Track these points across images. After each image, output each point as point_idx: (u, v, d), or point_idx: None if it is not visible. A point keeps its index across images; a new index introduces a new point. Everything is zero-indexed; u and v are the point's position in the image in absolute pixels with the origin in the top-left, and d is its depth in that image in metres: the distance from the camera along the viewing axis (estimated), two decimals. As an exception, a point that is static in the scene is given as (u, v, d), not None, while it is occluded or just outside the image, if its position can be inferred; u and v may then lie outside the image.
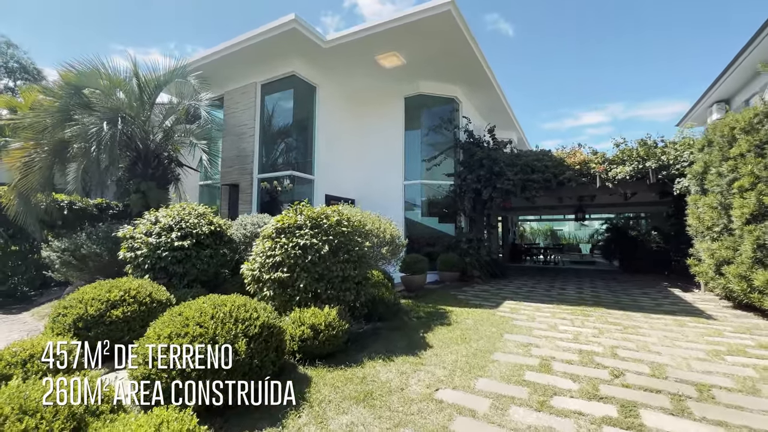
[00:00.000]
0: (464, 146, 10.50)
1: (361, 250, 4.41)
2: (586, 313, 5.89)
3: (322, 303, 4.13)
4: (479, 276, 9.40)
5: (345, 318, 3.98)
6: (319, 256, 4.11)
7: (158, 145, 8.70)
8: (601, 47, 78.47)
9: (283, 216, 4.40)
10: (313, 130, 9.72)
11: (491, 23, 75.07)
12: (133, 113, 7.81)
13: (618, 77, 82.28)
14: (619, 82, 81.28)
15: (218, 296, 3.29)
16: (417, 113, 10.77)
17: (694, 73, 65.44)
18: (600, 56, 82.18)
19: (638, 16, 53.53)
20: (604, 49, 76.26)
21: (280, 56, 8.76)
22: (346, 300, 4.27)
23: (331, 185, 10.06)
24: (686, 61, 68.51)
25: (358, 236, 4.64)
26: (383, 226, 5.53)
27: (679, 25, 53.62)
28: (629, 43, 69.32)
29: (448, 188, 10.50)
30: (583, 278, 10.95)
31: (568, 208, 14.85)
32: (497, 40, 74.06)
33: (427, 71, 9.74)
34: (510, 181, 9.48)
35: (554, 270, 13.57)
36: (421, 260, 7.84)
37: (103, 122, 6.87)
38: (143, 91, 8.44)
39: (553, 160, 9.70)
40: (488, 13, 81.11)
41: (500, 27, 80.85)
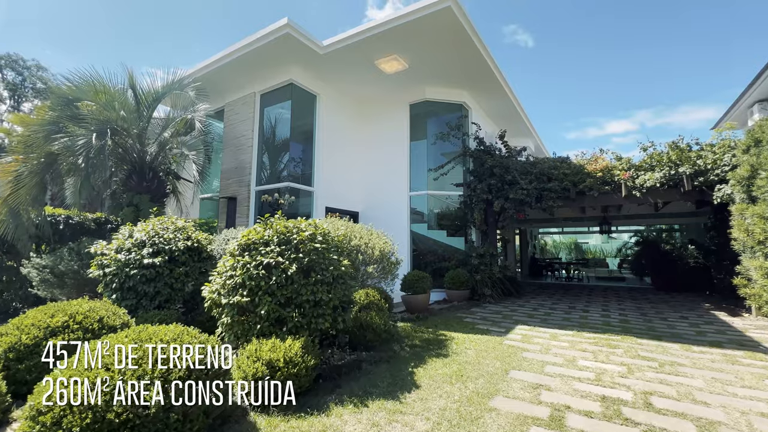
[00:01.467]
0: (474, 154, 9.83)
1: (336, 269, 3.80)
2: (612, 344, 5.00)
3: (290, 332, 3.54)
4: (491, 295, 8.56)
5: (313, 351, 3.36)
6: (285, 277, 3.54)
7: (154, 157, 8.51)
8: (627, 53, 76.19)
9: (250, 230, 3.88)
10: (313, 140, 9.33)
11: (509, 35, 74.28)
12: (127, 125, 7.64)
13: (645, 83, 79.06)
14: (647, 88, 77.99)
15: (154, 328, 2.77)
16: (423, 121, 10.23)
17: (725, 78, 61.97)
18: (626, 62, 79.69)
19: (667, 18, 51.70)
20: (629, 55, 73.92)
21: (277, 64, 8.47)
22: (319, 328, 3.66)
23: (332, 197, 9.57)
24: (717, 65, 65.27)
25: (336, 253, 4.05)
26: (373, 242, 4.91)
27: (709, 29, 51.27)
28: (656, 47, 66.94)
29: (457, 199, 9.81)
30: (609, 297, 9.87)
31: (592, 220, 13.77)
32: (516, 51, 73.08)
33: (432, 76, 9.22)
34: (524, 191, 8.70)
35: (578, 287, 12.45)
36: (424, 278, 7.14)
37: (92, 135, 6.69)
38: (140, 104, 8.32)
39: (571, 168, 8.86)
40: (506, 25, 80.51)
41: (519, 38, 79.99)
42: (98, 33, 34.92)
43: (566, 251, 25.20)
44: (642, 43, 64.49)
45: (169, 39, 41.17)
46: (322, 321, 3.67)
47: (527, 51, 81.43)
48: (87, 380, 2.12)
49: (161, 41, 41.35)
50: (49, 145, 6.58)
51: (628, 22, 53.58)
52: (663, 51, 67.59)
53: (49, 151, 6.66)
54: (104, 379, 2.13)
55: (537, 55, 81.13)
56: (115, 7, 35.70)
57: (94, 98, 7.45)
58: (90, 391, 2.07)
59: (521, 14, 70.47)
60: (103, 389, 2.09)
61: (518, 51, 77.60)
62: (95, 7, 31.89)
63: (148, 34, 42.77)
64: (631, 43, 67.93)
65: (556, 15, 52.47)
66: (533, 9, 52.55)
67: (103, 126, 6.91)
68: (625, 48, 70.65)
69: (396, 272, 5.65)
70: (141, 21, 40.37)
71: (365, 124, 10.83)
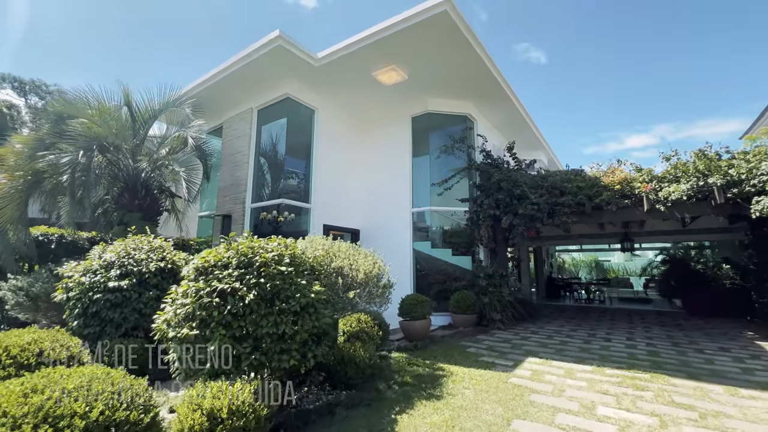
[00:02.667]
0: (480, 168, 9.27)
1: (304, 296, 3.28)
2: (639, 384, 4.23)
3: (249, 371, 3.01)
4: (500, 320, 7.80)
5: (272, 395, 2.81)
6: (243, 305, 3.04)
7: (148, 175, 8.33)
8: (644, 67, 74.92)
9: (210, 251, 3.42)
10: (310, 155, 9.00)
11: (521, 53, 73.94)
12: (119, 142, 7.49)
13: (664, 97, 76.63)
14: (667, 101, 75.65)
15: (64, 370, 2.30)
16: (426, 134, 9.79)
17: (746, 91, 59.54)
18: (643, 75, 78.14)
19: (685, 30, 50.65)
20: (647, 69, 72.52)
21: (273, 78, 8.27)
22: (283, 367, 3.11)
23: (330, 214, 9.14)
24: (738, 79, 63.05)
25: (309, 277, 3.54)
26: (358, 262, 4.38)
27: (728, 41, 49.72)
28: (675, 59, 65.53)
29: (462, 216, 9.21)
30: (635, 322, 8.91)
31: (612, 236, 12.84)
32: (529, 68, 72.42)
33: (433, 87, 8.83)
34: (534, 206, 8.04)
35: (599, 310, 11.45)
36: (422, 302, 6.51)
37: (79, 151, 6.52)
38: (136, 121, 8.21)
39: (586, 181, 8.18)
40: (517, 43, 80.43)
41: (531, 56, 79.70)
42: (113, 57, 36.50)
43: (586, 270, 23.87)
44: (660, 55, 63.21)
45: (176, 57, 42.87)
46: (287, 358, 3.13)
47: (540, 68, 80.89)
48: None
49: (169, 62, 43.08)
50: (35, 162, 6.43)
51: (645, 35, 52.79)
52: (682, 63, 66.08)
53: (35, 169, 6.51)
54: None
55: (550, 72, 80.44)
56: (128, 29, 37.56)
57: (87, 115, 7.35)
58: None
59: (533, 31, 70.38)
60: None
61: (530, 68, 77.08)
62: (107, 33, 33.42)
63: (164, 56, 44.72)
64: (649, 56, 66.75)
65: (568, 30, 52.18)
66: (545, 25, 52.39)
67: (92, 143, 6.75)
68: (643, 61, 69.42)
69: (388, 296, 5.07)
70: (156, 45, 42.30)
71: (365, 138, 10.49)
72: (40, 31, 26.91)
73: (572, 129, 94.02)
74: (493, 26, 39.52)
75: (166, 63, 40.03)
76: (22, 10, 18.76)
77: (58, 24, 27.42)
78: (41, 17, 25.09)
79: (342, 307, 4.08)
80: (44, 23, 26.52)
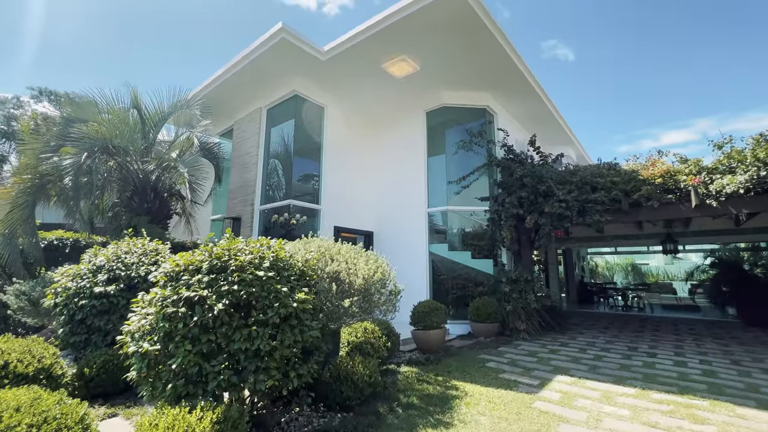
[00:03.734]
0: (501, 164, 8.58)
1: (285, 306, 2.82)
2: (697, 415, 3.48)
3: (216, 393, 2.59)
4: (525, 329, 7.07)
5: (239, 426, 2.36)
6: (213, 317, 2.62)
7: (158, 178, 8.24)
8: (681, 57, 70.31)
9: (182, 255, 3.04)
10: (320, 154, 8.65)
11: (548, 50, 70.86)
12: (125, 144, 7.41)
13: (706, 88, 70.98)
14: (708, 94, 69.87)
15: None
16: (441, 129, 9.21)
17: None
18: (681, 67, 73.31)
19: (726, 19, 47.17)
20: (685, 59, 67.91)
21: (280, 75, 7.99)
22: (258, 389, 2.66)
23: (341, 216, 8.73)
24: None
25: (293, 282, 3.08)
26: (358, 267, 3.90)
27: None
28: (715, 48, 61.10)
29: (483, 216, 8.54)
30: (682, 334, 7.89)
31: (651, 237, 11.69)
32: (556, 66, 69.10)
33: (448, 78, 8.27)
34: (562, 203, 7.27)
35: (638, 319, 10.37)
36: (436, 310, 5.91)
37: (82, 153, 6.45)
38: (146, 123, 8.16)
39: (621, 175, 7.33)
40: (545, 40, 77.52)
41: (559, 53, 76.38)
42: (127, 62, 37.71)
43: (622, 274, 22.24)
44: (698, 44, 58.92)
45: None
46: (264, 378, 2.68)
47: (568, 65, 77.33)
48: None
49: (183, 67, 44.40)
50: (40, 164, 6.41)
51: (678, 25, 49.55)
52: (723, 54, 61.54)
53: (40, 172, 6.49)
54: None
55: (578, 69, 76.86)
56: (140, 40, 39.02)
57: (95, 118, 7.33)
58: None
59: (559, 28, 67.80)
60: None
61: (558, 65, 73.72)
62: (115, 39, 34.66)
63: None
64: (686, 47, 62.54)
65: (598, 23, 49.69)
66: (573, 21, 50.06)
67: (96, 145, 6.67)
68: (679, 53, 65.11)
69: (394, 304, 4.54)
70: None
71: (378, 135, 10.04)
72: (54, 42, 28.42)
73: (603, 128, 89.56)
74: (517, 23, 38.22)
75: (173, 65, 40.99)
76: (37, 24, 19.80)
77: (70, 34, 28.92)
78: (54, 30, 26.53)
79: (338, 317, 3.59)
80: (57, 35, 28.00)
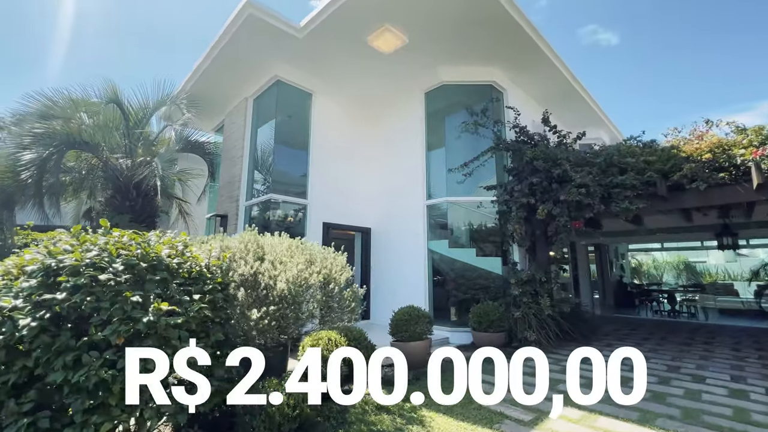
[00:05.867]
0: (512, 147, 7.43)
1: (128, 322, 2.08)
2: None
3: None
4: (536, 340, 5.92)
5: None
6: (20, 336, 1.93)
7: (143, 176, 7.95)
8: (738, 35, 62.57)
9: (14, 257, 2.40)
10: (308, 144, 7.96)
11: (588, 35, 64.79)
12: (95, 141, 7.12)
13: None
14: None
15: None
16: (442, 111, 8.19)
17: None
18: (741, 45, 65.15)
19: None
20: (742, 37, 60.19)
21: (257, 59, 7.38)
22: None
23: (332, 211, 7.99)
24: None
25: (155, 289, 2.34)
26: (287, 268, 3.10)
27: None
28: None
29: (490, 207, 7.45)
30: (744, 348, 6.33)
31: (704, 231, 9.90)
32: (598, 51, 62.96)
33: (447, 51, 7.25)
34: (581, 189, 6.03)
35: (688, 327, 8.72)
36: (419, 318, 4.98)
37: (48, 149, 6.18)
38: (128, 119, 7.89)
39: (658, 153, 5.96)
40: (582, 26, 71.63)
41: (600, 38, 69.91)
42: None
43: (672, 273, 19.72)
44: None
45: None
46: (102, 420, 1.95)
47: (611, 49, 70.71)
48: None
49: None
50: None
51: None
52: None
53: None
54: None
55: (624, 53, 70.19)
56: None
57: (70, 114, 7.11)
58: None
59: (599, 13, 62.52)
60: None
61: (599, 51, 67.38)
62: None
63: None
64: (750, 19, 55.52)
65: (642, 4, 45.20)
66: (614, 3, 45.61)
67: (63, 142, 6.40)
68: (737, 32, 57.79)
69: (349, 311, 3.71)
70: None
71: (372, 122, 9.19)
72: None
73: (651, 114, 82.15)
74: (553, 11, 35.56)
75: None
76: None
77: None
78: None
79: (245, 332, 2.82)
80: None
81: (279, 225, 7.35)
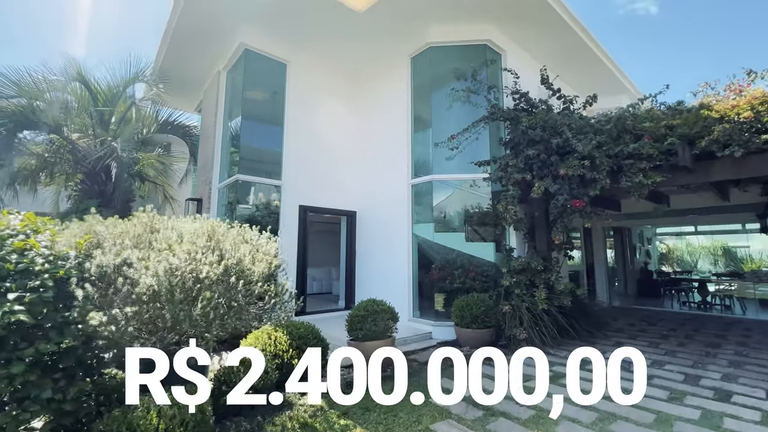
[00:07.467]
0: (508, 116, 6.44)
1: None
2: None
3: None
4: (527, 339, 5.10)
5: None
6: None
7: (116, 158, 7.57)
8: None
9: None
10: (282, 120, 7.27)
11: (623, 5, 56.78)
12: (57, 121, 6.73)
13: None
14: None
15: None
16: (430, 83, 7.21)
17: None
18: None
19: None
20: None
21: (223, 26, 6.70)
22: None
23: (309, 193, 7.33)
24: None
25: None
26: (162, 260, 2.46)
27: None
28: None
29: (483, 186, 6.54)
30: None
31: (744, 210, 8.52)
32: (635, 22, 55.28)
33: (432, 7, 6.29)
34: (584, 162, 5.04)
35: (720, 323, 7.57)
36: (379, 312, 4.28)
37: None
38: (97, 99, 7.49)
39: (683, 116, 4.84)
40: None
41: (637, 7, 61.77)
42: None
43: (709, 260, 17.91)
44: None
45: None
46: None
47: (649, 19, 63.08)
48: None
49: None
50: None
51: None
52: None
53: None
54: None
55: (664, 22, 62.46)
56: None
57: (34, 94, 6.74)
58: None
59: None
60: None
61: (637, 21, 59.72)
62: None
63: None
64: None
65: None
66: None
67: (13, 120, 6.02)
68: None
69: (288, 311, 3.08)
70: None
71: (355, 94, 8.36)
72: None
73: (690, 82, 75.07)
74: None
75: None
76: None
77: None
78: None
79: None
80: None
81: (248, 209, 6.80)
